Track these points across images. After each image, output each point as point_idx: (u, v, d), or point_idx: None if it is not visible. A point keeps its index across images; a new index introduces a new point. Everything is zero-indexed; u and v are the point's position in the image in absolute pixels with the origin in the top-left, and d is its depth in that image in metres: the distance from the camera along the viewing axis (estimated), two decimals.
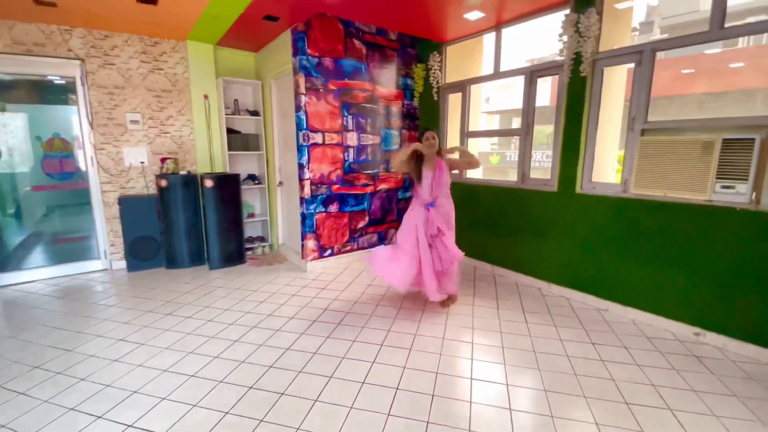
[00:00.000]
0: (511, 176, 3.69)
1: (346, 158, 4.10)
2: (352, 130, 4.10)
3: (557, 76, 3.28)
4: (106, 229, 4.12)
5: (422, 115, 4.66)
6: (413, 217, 2.97)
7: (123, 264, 4.15)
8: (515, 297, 3.35)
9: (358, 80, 4.07)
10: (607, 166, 3.28)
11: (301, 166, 3.88)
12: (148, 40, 4.05)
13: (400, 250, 2.94)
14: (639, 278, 2.86)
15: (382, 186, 4.48)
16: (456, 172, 4.67)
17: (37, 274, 3.86)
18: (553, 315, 2.99)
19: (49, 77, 3.76)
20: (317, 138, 3.88)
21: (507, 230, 3.78)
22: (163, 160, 4.18)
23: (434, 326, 2.80)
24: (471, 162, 2.96)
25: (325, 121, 3.90)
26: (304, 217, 3.96)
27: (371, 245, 4.48)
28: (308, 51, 3.69)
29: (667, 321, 2.73)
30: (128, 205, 3.99)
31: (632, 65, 2.84)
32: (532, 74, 3.45)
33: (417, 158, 2.93)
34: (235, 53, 4.66)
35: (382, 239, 4.59)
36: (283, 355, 2.42)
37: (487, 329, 2.76)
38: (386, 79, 4.32)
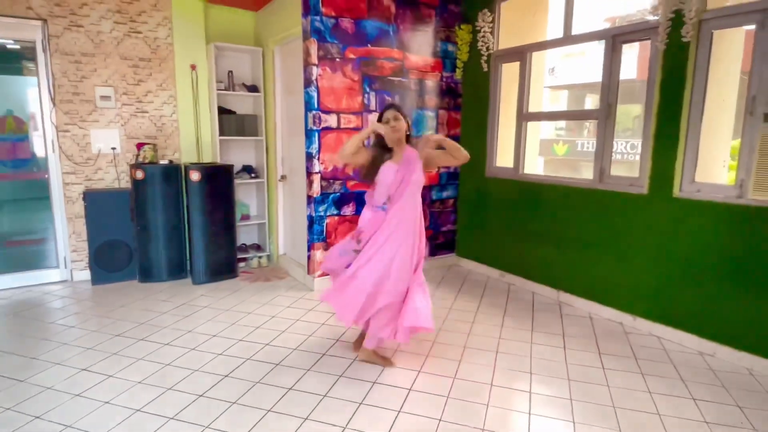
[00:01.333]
0: (585, 173, 3.63)
1: (368, 146, 4.13)
2: (375, 111, 4.15)
3: (649, 42, 3.22)
4: (67, 231, 4.32)
5: (466, 90, 4.67)
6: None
7: (87, 275, 4.33)
8: (588, 333, 3.29)
9: (384, 47, 4.12)
10: (716, 162, 3.19)
11: (309, 157, 3.96)
12: None
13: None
14: (758, 314, 2.75)
15: None
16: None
17: None
18: (639, 359, 2.92)
19: (2, 41, 3.99)
20: (331, 121, 3.94)
21: (578, 245, 3.72)
22: (139, 146, 4.36)
23: (479, 368, 2.79)
24: (457, 156, 2.68)
25: (342, 99, 3.96)
26: (311, 221, 4.03)
27: None
28: (322, 9, 3.77)
29: None
30: (95, 202, 4.18)
31: (753, 27, 2.76)
32: (615, 39, 3.40)
33: (381, 147, 2.72)
34: (231, 12, 4.81)
35: None
36: (285, 397, 2.47)
37: (549, 375, 2.72)
38: (420, 45, 4.35)
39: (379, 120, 2.72)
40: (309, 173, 3.99)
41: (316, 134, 3.90)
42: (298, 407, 2.39)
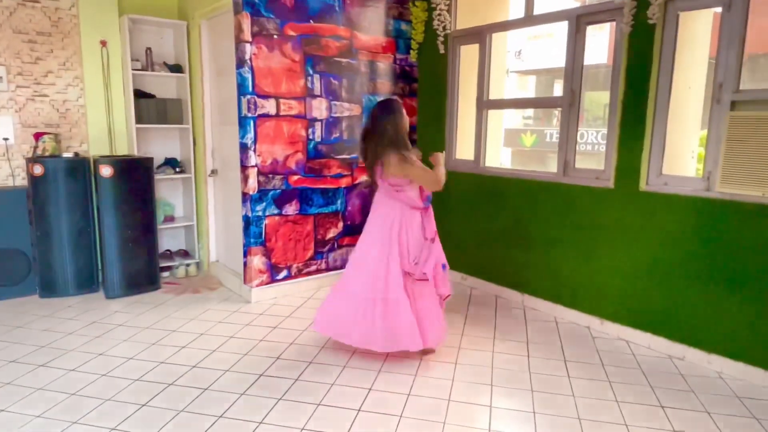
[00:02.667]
0: (553, 165, 3.75)
1: (311, 136, 4.12)
2: (320, 96, 4.12)
3: (614, 24, 3.36)
4: None
5: (423, 74, 4.71)
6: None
7: None
8: (554, 339, 3.41)
9: (329, 23, 4.10)
10: (684, 153, 3.37)
11: (244, 148, 3.88)
12: None
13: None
14: (729, 314, 2.93)
15: (364, 177, 4.50)
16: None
17: None
18: (607, 365, 3.05)
19: None
20: (269, 106, 3.88)
21: (543, 244, 3.84)
22: (37, 136, 4.13)
23: (435, 383, 2.83)
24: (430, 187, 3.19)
25: (281, 82, 3.91)
26: (248, 222, 3.95)
27: (346, 264, 4.47)
28: None
29: None
30: None
31: (719, 9, 2.93)
32: (579, 20, 3.53)
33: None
34: None
35: None
36: (214, 426, 2.41)
37: (512, 386, 2.80)
38: (371, 22, 4.35)
39: (401, 107, 3.08)
40: (244, 167, 3.91)
41: (252, 122, 3.83)
42: None
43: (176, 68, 4.71)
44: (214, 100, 4.55)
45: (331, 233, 4.35)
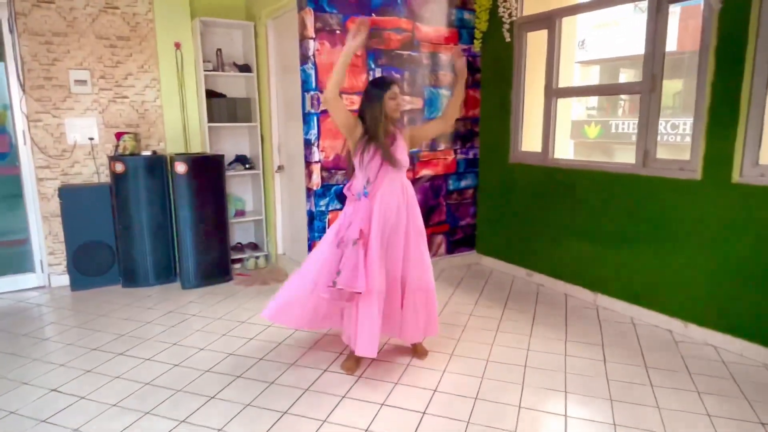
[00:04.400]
0: (619, 156, 3.38)
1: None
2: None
3: (699, 5, 2.95)
4: (43, 232, 4.21)
5: (487, 64, 4.43)
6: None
7: (66, 280, 4.22)
8: (632, 342, 3.07)
9: (391, 16, 3.91)
10: None
11: (308, 144, 3.78)
12: None
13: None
14: None
15: (425, 171, 4.29)
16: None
17: None
18: (694, 374, 2.69)
19: None
20: None
21: (618, 240, 3.49)
22: (118, 135, 4.22)
23: (505, 387, 2.60)
24: (452, 117, 2.86)
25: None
26: (311, 216, 3.86)
27: None
28: None
29: None
30: (72, 198, 4.05)
31: None
32: None
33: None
34: None
35: None
36: (279, 422, 2.30)
37: (588, 394, 2.51)
38: (433, 13, 4.12)
39: (381, 92, 2.62)
40: (308, 163, 3.81)
41: (315, 118, 3.71)
42: None
43: (245, 68, 4.69)
44: (280, 98, 4.49)
45: None
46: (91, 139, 4.26)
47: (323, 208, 3.85)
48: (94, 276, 4.22)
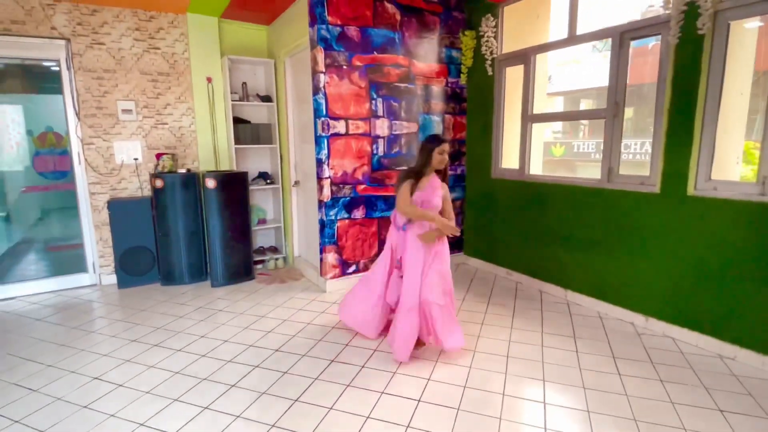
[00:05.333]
0: (581, 171, 3.22)
1: (375, 151, 3.80)
2: (383, 117, 3.79)
3: (654, 43, 2.80)
4: (95, 238, 4.07)
5: (471, 95, 4.28)
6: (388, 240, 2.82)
7: (114, 279, 4.07)
8: (600, 335, 2.90)
9: (390, 54, 3.77)
10: (729, 159, 2.75)
11: (319, 162, 3.63)
12: (142, 14, 3.96)
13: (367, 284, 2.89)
14: None
15: None
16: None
17: (21, 289, 3.85)
18: (656, 363, 2.52)
19: (40, 61, 3.75)
20: (339, 127, 3.60)
21: (586, 244, 3.32)
22: (158, 156, 4.08)
23: (491, 376, 2.43)
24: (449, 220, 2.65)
25: (349, 106, 3.62)
26: (323, 224, 3.70)
27: None
28: (328, 19, 3.43)
29: None
30: (119, 210, 3.91)
31: None
32: (623, 36, 2.99)
33: (415, 173, 2.62)
34: (244, 27, 4.50)
35: None
36: (291, 409, 2.14)
37: (564, 382, 2.34)
38: (426, 51, 3.98)
39: (432, 146, 2.57)
40: (319, 178, 3.65)
41: (325, 140, 3.56)
42: (305, 419, 2.05)
43: (266, 98, 4.55)
44: (296, 123, 4.34)
45: None
46: (136, 159, 4.12)
47: (332, 218, 3.69)
48: (137, 276, 4.07)
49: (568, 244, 3.47)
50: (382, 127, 3.81)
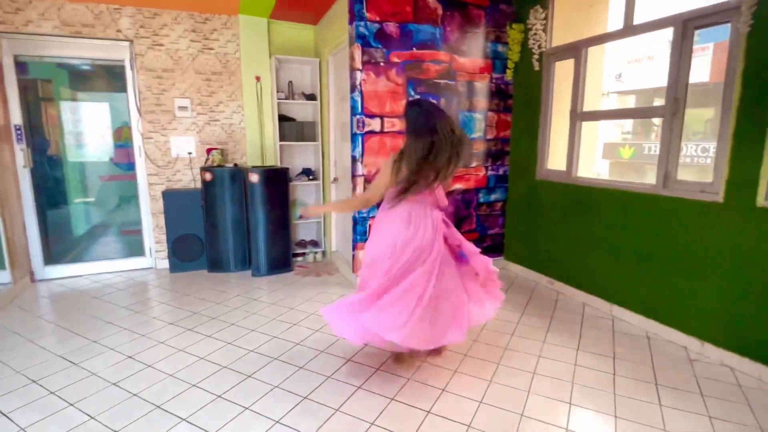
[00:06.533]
0: (650, 176, 2.84)
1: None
2: None
3: (722, 40, 2.40)
4: (152, 225, 4.32)
5: (518, 91, 3.99)
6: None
7: (167, 263, 4.31)
8: (644, 357, 2.56)
9: (430, 49, 3.60)
10: None
11: (354, 160, 3.56)
12: (198, 16, 4.13)
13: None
14: None
15: (457, 185, 3.94)
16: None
17: (87, 269, 4.19)
18: (707, 396, 2.17)
19: (110, 62, 4.04)
20: (374, 124, 3.51)
21: (637, 256, 2.96)
22: (208, 151, 4.24)
23: (512, 393, 2.22)
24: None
25: (385, 103, 3.51)
26: (355, 222, 3.64)
27: None
28: (367, 15, 3.34)
29: None
30: (172, 200, 4.12)
31: None
32: (687, 24, 2.60)
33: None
34: (292, 27, 4.55)
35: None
36: (298, 407, 2.09)
37: (593, 408, 2.08)
38: (469, 46, 3.76)
39: (435, 130, 2.13)
40: (353, 176, 3.59)
41: (360, 138, 3.49)
42: (308, 419, 1.99)
43: (311, 97, 4.57)
44: (337, 121, 4.32)
45: None
46: (190, 153, 4.32)
47: (365, 215, 3.62)
48: (187, 261, 4.27)
49: (616, 254, 3.11)
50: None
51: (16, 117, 3.74)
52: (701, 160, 11.03)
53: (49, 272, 4.06)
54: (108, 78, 4.23)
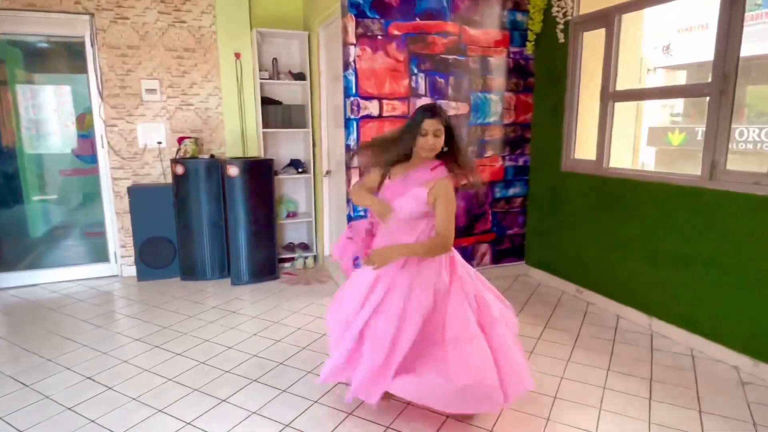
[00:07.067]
0: (697, 167, 2.80)
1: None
2: (425, 96, 3.63)
3: None
4: (116, 226, 4.36)
5: (539, 68, 3.96)
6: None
7: (134, 270, 4.34)
8: (687, 379, 2.52)
9: (436, 20, 3.59)
10: None
11: (348, 149, 3.56)
12: None
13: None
14: None
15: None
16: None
17: (44, 276, 4.24)
18: (759, 426, 2.13)
19: (69, 38, 4.08)
20: (371, 108, 3.51)
21: (679, 261, 2.92)
22: (180, 140, 4.27)
23: (528, 421, 2.20)
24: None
25: (384, 83, 3.50)
26: (350, 220, 3.64)
27: None
28: None
29: None
30: (139, 197, 4.15)
31: None
32: None
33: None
34: None
35: (467, 259, 4.02)
36: None
37: None
38: (482, 16, 3.74)
39: (415, 127, 2.00)
40: (347, 168, 3.59)
41: (355, 123, 3.49)
42: None
43: (300, 76, 4.57)
44: (329, 105, 4.32)
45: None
46: (159, 143, 4.35)
47: (361, 213, 3.61)
48: (157, 268, 4.31)
49: (655, 258, 3.08)
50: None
51: None
52: (766, 146, 10.85)
53: (1, 280, 4.11)
54: (69, 58, 4.28)
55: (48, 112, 4.36)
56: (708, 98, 2.72)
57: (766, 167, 2.51)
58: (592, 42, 3.57)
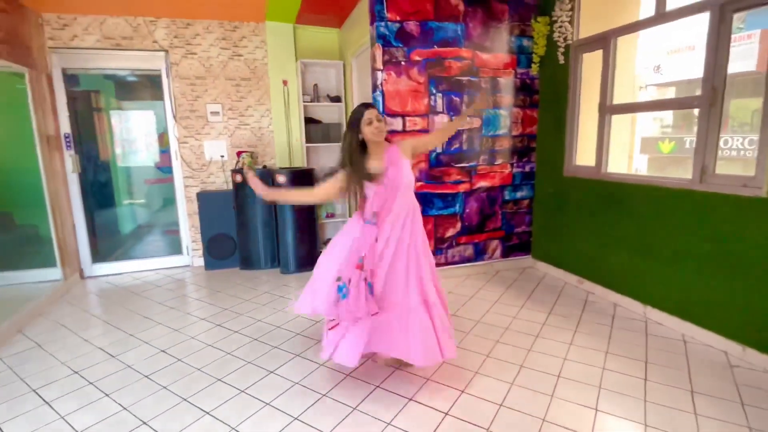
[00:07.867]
0: (691, 171, 2.62)
1: (433, 148, 3.58)
2: (442, 113, 3.55)
3: (752, 31, 2.17)
4: (188, 225, 4.46)
5: (544, 86, 3.82)
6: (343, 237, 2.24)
7: (203, 261, 4.43)
8: (679, 362, 2.37)
9: (451, 47, 3.50)
10: None
11: None
12: (228, 24, 4.21)
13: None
14: None
15: (482, 183, 3.81)
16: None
17: (130, 266, 4.38)
18: (748, 405, 1.97)
19: (148, 72, 4.21)
20: (396, 124, 3.45)
21: (672, 255, 2.75)
22: (238, 153, 4.32)
23: (533, 397, 2.11)
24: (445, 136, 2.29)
25: (407, 102, 3.44)
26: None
27: (464, 260, 3.86)
28: (387, 15, 3.28)
29: None
30: (206, 201, 4.23)
31: None
32: (724, 8, 2.37)
33: (361, 150, 2.06)
34: (317, 31, 4.56)
35: (480, 253, 3.92)
36: (318, 403, 2.07)
37: (621, 414, 1.94)
38: (492, 42, 3.63)
39: (357, 122, 2.02)
40: None
41: None
42: (325, 417, 1.97)
43: (336, 99, 4.57)
44: None
45: (450, 232, 3.76)
46: (222, 156, 4.42)
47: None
48: (221, 259, 4.38)
49: (649, 252, 2.91)
50: (441, 123, 3.57)
51: (65, 126, 3.95)
52: (748, 153, 10.22)
53: (96, 269, 4.27)
54: (150, 87, 4.41)
55: (135, 133, 4.51)
56: (698, 110, 2.54)
57: (750, 170, 2.32)
58: (591, 62, 3.41)
